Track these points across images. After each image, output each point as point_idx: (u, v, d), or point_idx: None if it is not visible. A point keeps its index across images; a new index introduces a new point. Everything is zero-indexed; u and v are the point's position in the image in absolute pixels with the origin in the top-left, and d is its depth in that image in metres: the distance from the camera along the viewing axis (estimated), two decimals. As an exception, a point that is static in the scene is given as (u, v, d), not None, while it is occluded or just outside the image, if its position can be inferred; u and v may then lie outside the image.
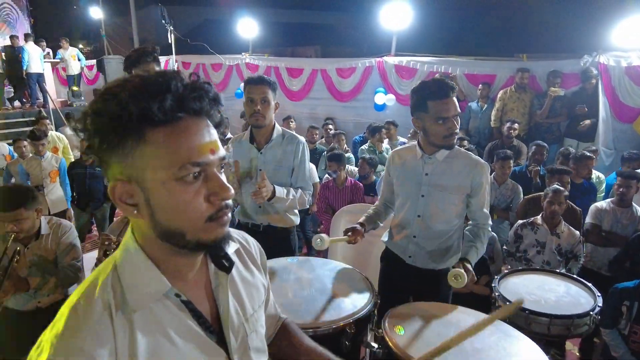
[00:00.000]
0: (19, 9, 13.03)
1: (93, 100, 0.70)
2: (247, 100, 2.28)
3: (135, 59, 2.50)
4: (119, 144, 0.69)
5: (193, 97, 0.72)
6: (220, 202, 0.75)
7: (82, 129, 0.70)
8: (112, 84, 0.70)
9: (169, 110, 0.69)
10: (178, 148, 0.70)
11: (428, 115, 1.91)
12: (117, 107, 0.66)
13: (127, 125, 0.67)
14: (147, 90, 0.68)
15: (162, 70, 0.73)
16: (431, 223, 2.04)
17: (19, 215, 2.20)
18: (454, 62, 6.47)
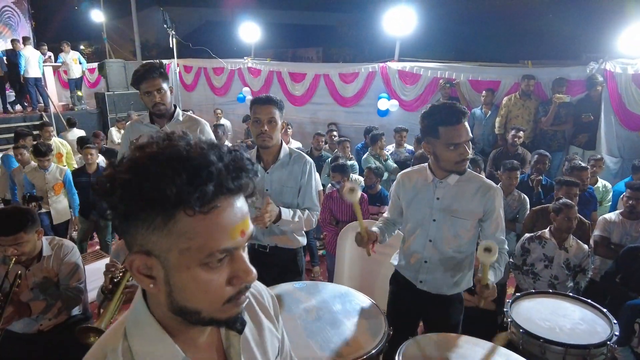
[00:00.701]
0: (21, 12, 12.99)
1: (123, 168, 0.64)
2: (254, 120, 2.24)
3: (142, 75, 2.52)
4: (146, 220, 0.65)
5: (233, 176, 0.67)
6: (241, 285, 0.72)
7: (105, 198, 0.65)
8: (147, 155, 0.64)
9: (208, 199, 0.65)
10: (209, 236, 0.66)
11: (439, 141, 1.86)
12: (151, 189, 0.62)
13: (159, 206, 0.63)
14: (186, 174, 0.62)
15: (202, 145, 0.67)
16: (443, 248, 2.00)
17: (20, 239, 2.16)
18: (458, 68, 6.42)
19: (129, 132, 2.75)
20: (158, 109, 2.59)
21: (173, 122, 2.69)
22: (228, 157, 0.67)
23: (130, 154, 0.67)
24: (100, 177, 0.67)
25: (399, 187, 2.14)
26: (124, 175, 0.63)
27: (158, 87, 2.55)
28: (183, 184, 0.62)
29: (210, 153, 0.66)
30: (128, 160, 0.66)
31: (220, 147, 0.69)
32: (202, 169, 0.63)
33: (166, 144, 0.66)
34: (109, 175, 0.65)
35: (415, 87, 6.75)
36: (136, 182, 0.62)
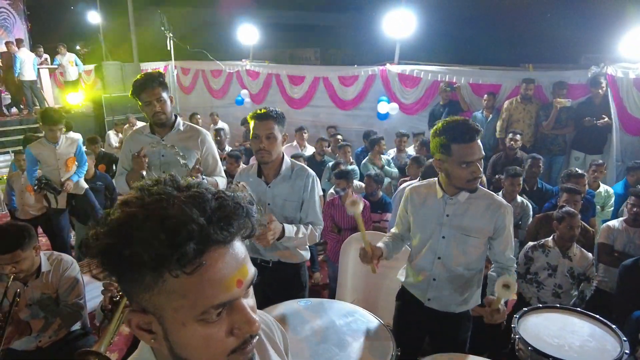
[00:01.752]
0: (16, 13, 12.87)
1: (105, 231, 0.63)
2: (253, 136, 2.20)
3: (142, 84, 2.49)
4: (137, 279, 0.63)
5: (220, 226, 0.64)
6: (245, 335, 0.69)
7: (94, 257, 0.64)
8: (127, 215, 0.62)
9: (189, 259, 0.61)
10: (200, 293, 0.64)
11: (451, 158, 1.82)
12: (131, 255, 0.60)
13: (143, 268, 0.61)
14: (165, 235, 0.60)
15: (183, 199, 0.63)
16: (452, 266, 1.96)
17: (17, 257, 2.12)
18: (458, 71, 6.38)
19: (129, 144, 2.70)
20: (158, 118, 2.55)
21: (174, 132, 2.65)
22: (213, 206, 0.64)
23: (115, 211, 0.65)
24: (86, 239, 0.65)
25: (407, 201, 2.10)
26: (105, 240, 0.62)
27: (158, 96, 2.51)
28: (162, 246, 0.59)
29: (191, 207, 0.62)
30: (110, 221, 0.64)
31: (204, 195, 0.65)
32: (180, 227, 0.60)
33: (149, 200, 0.64)
34: (93, 236, 0.64)
35: (415, 91, 6.71)
36: (115, 247, 0.61)
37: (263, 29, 9.13)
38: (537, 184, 4.58)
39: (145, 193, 0.65)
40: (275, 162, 2.26)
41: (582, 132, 5.31)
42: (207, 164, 2.72)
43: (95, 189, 4.59)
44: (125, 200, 0.66)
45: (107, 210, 0.66)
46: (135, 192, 0.67)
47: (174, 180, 0.68)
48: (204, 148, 2.70)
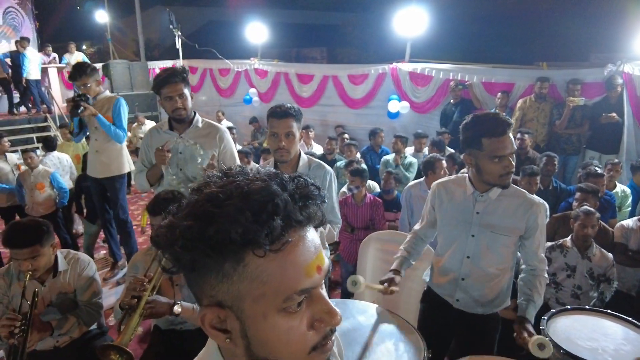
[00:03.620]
0: (25, 12, 12.89)
1: (183, 215, 0.59)
2: (271, 134, 2.14)
3: (164, 79, 2.45)
4: (214, 267, 0.59)
5: (300, 207, 0.61)
6: (326, 329, 0.64)
7: (167, 249, 0.59)
8: (206, 197, 0.59)
9: (277, 235, 0.57)
10: (284, 276, 0.59)
11: (483, 152, 1.76)
12: (215, 233, 0.55)
13: (225, 250, 0.57)
14: (251, 211, 0.56)
15: (263, 177, 0.61)
16: (481, 265, 1.90)
17: (35, 251, 2.08)
18: (471, 69, 6.31)
19: (147, 139, 2.67)
20: (179, 114, 2.51)
21: (192, 129, 2.61)
22: (292, 186, 0.61)
23: (188, 198, 0.62)
24: (159, 228, 0.61)
25: (434, 197, 2.03)
26: (184, 222, 0.58)
27: (180, 92, 2.47)
28: (248, 222, 0.56)
29: (272, 183, 0.59)
30: (187, 206, 0.60)
31: (281, 175, 0.62)
32: (266, 202, 0.57)
33: (224, 182, 0.61)
34: (169, 224, 0.60)
35: (426, 89, 6.65)
36: (198, 228, 0.56)
37: (270, 28, 9.09)
38: (552, 183, 4.51)
39: (216, 178, 0.63)
40: (292, 160, 2.21)
41: (597, 131, 5.23)
42: (225, 161, 2.68)
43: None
44: (197, 187, 0.62)
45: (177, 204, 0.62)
46: (203, 180, 0.64)
47: (242, 167, 0.65)
48: (222, 145, 2.66)
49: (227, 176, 0.62)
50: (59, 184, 4.76)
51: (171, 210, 0.62)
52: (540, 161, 4.50)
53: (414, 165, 5.17)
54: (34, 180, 4.63)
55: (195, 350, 2.18)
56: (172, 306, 1.92)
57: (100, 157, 3.85)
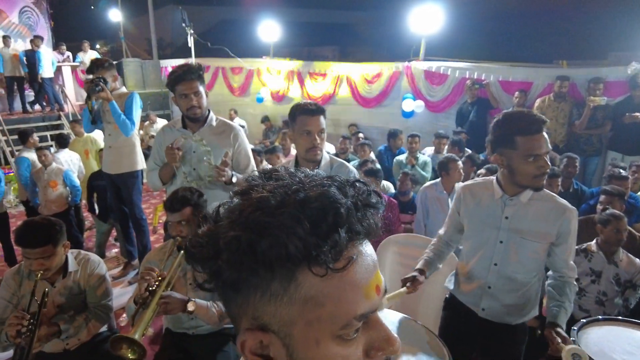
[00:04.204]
0: (40, 12, 13.02)
1: (227, 222, 0.51)
2: (304, 132, 2.02)
3: (179, 76, 2.39)
4: (260, 286, 0.51)
5: (359, 218, 0.51)
6: (382, 357, 0.56)
7: (205, 263, 0.52)
8: (255, 202, 0.51)
9: (340, 251, 0.49)
10: (342, 299, 0.51)
11: (516, 152, 1.66)
12: (269, 248, 0.48)
13: (278, 267, 0.49)
14: (309, 221, 0.48)
15: (318, 179, 0.53)
16: (510, 273, 1.80)
17: (48, 251, 2.03)
18: (487, 68, 6.19)
19: (161, 137, 2.61)
20: (194, 112, 2.44)
21: (206, 127, 2.54)
22: (351, 192, 0.52)
23: (232, 203, 0.54)
24: (195, 237, 0.52)
25: (460, 201, 1.93)
26: (230, 232, 0.49)
27: (195, 89, 2.40)
28: (307, 234, 0.47)
29: (331, 188, 0.51)
30: (231, 212, 0.52)
31: (338, 178, 0.53)
32: (327, 211, 0.49)
33: (273, 185, 0.52)
34: (209, 233, 0.52)
35: (442, 88, 6.53)
36: (248, 240, 0.48)
37: (282, 27, 9.04)
38: (572, 185, 4.37)
39: (263, 180, 0.54)
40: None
41: (620, 132, 5.06)
42: (239, 160, 2.61)
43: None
44: (241, 190, 0.54)
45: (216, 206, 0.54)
46: (247, 182, 0.55)
47: (286, 167, 0.57)
48: (237, 144, 2.59)
49: (274, 178, 0.54)
50: (72, 181, 4.75)
51: (209, 215, 0.54)
52: (561, 162, 4.37)
53: (428, 164, 5.06)
54: (48, 178, 4.62)
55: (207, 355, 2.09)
56: (186, 303, 1.87)
57: (113, 153, 3.83)
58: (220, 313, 1.97)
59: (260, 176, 0.56)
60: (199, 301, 1.93)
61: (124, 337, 1.64)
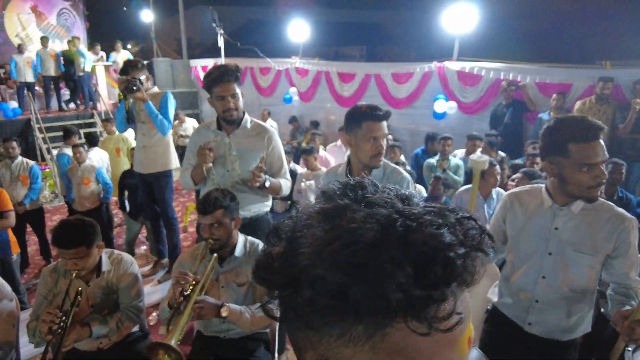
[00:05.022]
0: (76, 13, 13.46)
1: (308, 252, 0.43)
2: (370, 137, 1.94)
3: (217, 78, 2.35)
4: (338, 327, 0.43)
5: (470, 267, 0.43)
6: None
7: (277, 290, 0.47)
8: (346, 234, 0.43)
9: (449, 311, 0.43)
10: (436, 356, 0.44)
11: (569, 160, 1.54)
12: (365, 297, 0.40)
13: (367, 314, 0.41)
14: (412, 267, 0.40)
15: (422, 212, 0.45)
16: (559, 286, 1.68)
17: (81, 252, 2.04)
18: (524, 69, 5.95)
19: (195, 138, 2.59)
20: (230, 114, 2.41)
21: (240, 129, 2.51)
22: (459, 230, 0.44)
23: (310, 222, 0.46)
24: (266, 257, 0.46)
25: (506, 210, 1.82)
26: (315, 269, 0.42)
27: (233, 91, 2.37)
28: (410, 284, 0.40)
29: (442, 227, 0.42)
30: (315, 240, 0.44)
31: (443, 210, 0.45)
32: (437, 259, 0.41)
33: (367, 212, 0.44)
34: (284, 259, 0.45)
35: (475, 89, 6.34)
36: (337, 282, 0.41)
37: (309, 27, 8.99)
38: (617, 192, 4.15)
39: (349, 198, 0.47)
40: None
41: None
42: (273, 163, 2.57)
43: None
44: (326, 211, 0.46)
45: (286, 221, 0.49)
46: (325, 200, 0.48)
47: (374, 183, 0.50)
48: (270, 147, 2.55)
49: (365, 199, 0.47)
50: (104, 179, 4.83)
51: (284, 233, 0.47)
52: (605, 168, 4.14)
53: (461, 167, 4.90)
54: (81, 175, 4.71)
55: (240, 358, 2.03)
56: (219, 308, 1.84)
57: (147, 152, 3.85)
58: (254, 318, 1.93)
59: (343, 191, 0.48)
60: (232, 306, 1.89)
61: (160, 343, 1.62)
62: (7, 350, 2.00)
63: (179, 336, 1.65)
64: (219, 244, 2.06)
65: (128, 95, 3.56)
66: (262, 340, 2.21)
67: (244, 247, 2.19)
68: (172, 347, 1.60)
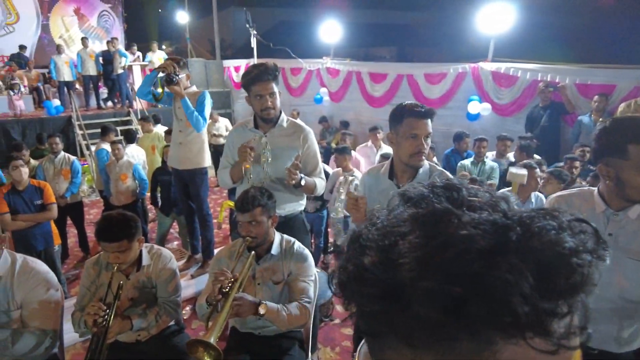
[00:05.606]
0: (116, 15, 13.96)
1: (409, 260, 0.39)
2: (410, 136, 1.89)
3: (256, 76, 2.36)
4: (437, 340, 0.39)
5: (592, 276, 0.40)
6: None
7: (367, 301, 0.42)
8: (454, 245, 0.38)
9: (575, 326, 0.39)
10: None
11: (628, 162, 1.47)
12: (488, 313, 0.36)
13: (484, 332, 0.37)
14: (539, 281, 0.36)
15: (530, 214, 0.41)
16: (613, 296, 1.60)
17: (123, 246, 2.09)
18: (563, 70, 5.76)
19: (232, 136, 2.63)
20: (267, 113, 2.43)
21: (277, 128, 2.53)
22: (577, 236, 0.40)
23: (411, 234, 0.41)
24: (354, 269, 0.43)
25: None
26: (421, 282, 0.38)
27: (271, 90, 2.38)
28: (534, 295, 0.36)
29: (560, 230, 0.39)
30: (415, 247, 0.40)
31: (553, 213, 0.41)
32: (561, 266, 0.37)
33: (471, 218, 0.40)
34: (377, 268, 0.41)
35: (511, 90, 6.18)
36: (451, 296, 0.37)
37: (341, 28, 8.99)
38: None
39: (445, 198, 0.43)
40: None
41: None
42: (308, 162, 2.57)
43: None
44: (424, 217, 0.42)
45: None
46: (413, 204, 0.45)
47: (467, 185, 0.46)
48: (306, 146, 2.56)
49: (464, 201, 0.43)
50: (140, 175, 4.96)
51: (371, 242, 0.43)
52: None
53: (495, 171, 4.78)
54: (119, 171, 4.86)
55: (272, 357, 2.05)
56: (257, 306, 1.85)
57: (183, 149, 3.94)
58: (290, 317, 1.94)
59: (435, 193, 0.45)
60: (269, 304, 1.90)
61: (200, 340, 1.64)
62: (56, 338, 2.08)
63: (218, 333, 1.67)
64: (256, 241, 2.08)
65: (166, 87, 3.65)
66: (296, 339, 2.22)
67: (280, 245, 2.21)
68: (211, 344, 1.62)
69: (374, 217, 0.47)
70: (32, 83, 10.83)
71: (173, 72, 3.56)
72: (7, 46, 12.20)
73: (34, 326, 2.00)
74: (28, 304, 2.01)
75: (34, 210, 3.79)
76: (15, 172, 3.72)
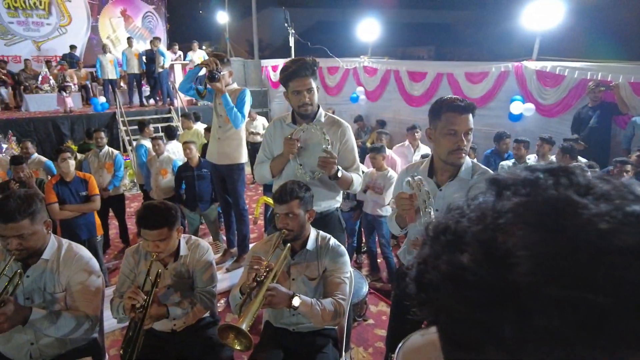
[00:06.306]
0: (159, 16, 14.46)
1: (525, 267, 0.33)
2: (447, 132, 1.83)
3: (294, 72, 2.34)
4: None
5: None
6: None
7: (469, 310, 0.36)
8: (587, 240, 0.33)
9: None
10: None
11: None
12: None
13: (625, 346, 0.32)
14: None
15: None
16: None
17: (163, 234, 2.13)
18: (615, 68, 5.45)
19: (271, 130, 2.63)
20: (305, 109, 2.41)
21: (314, 123, 2.50)
22: None
23: (520, 228, 0.35)
24: (451, 269, 0.37)
25: None
26: (548, 289, 0.32)
27: (309, 86, 2.35)
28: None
29: None
30: (531, 244, 0.34)
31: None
32: None
33: (609, 212, 0.34)
34: (485, 271, 0.35)
35: (556, 90, 5.90)
36: (595, 307, 0.31)
37: (378, 27, 8.90)
38: None
39: (565, 184, 0.36)
40: None
41: None
42: (345, 157, 2.54)
43: (202, 176, 4.70)
44: (531, 207, 0.36)
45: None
46: (514, 194, 0.38)
47: (583, 169, 0.39)
48: (344, 140, 2.52)
49: (585, 190, 0.36)
50: (179, 171, 5.07)
51: (467, 236, 0.37)
52: None
53: None
54: (159, 166, 4.99)
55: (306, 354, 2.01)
56: (291, 298, 1.83)
57: (221, 144, 4.01)
58: (324, 312, 1.91)
59: (545, 179, 0.38)
60: (303, 297, 1.88)
61: (232, 326, 1.64)
62: (95, 323, 2.14)
63: (250, 321, 1.66)
64: (293, 234, 2.06)
65: (208, 83, 3.73)
66: (330, 337, 2.18)
67: (316, 241, 2.18)
68: (243, 330, 1.61)
69: (455, 207, 0.42)
70: (81, 81, 11.36)
71: (215, 69, 3.62)
72: (60, 47, 12.87)
73: (75, 308, 2.07)
74: (71, 286, 2.08)
75: (79, 201, 3.95)
76: (63, 163, 3.90)
